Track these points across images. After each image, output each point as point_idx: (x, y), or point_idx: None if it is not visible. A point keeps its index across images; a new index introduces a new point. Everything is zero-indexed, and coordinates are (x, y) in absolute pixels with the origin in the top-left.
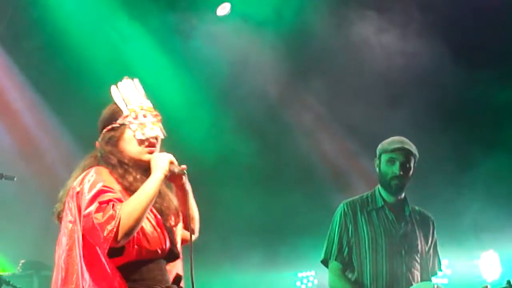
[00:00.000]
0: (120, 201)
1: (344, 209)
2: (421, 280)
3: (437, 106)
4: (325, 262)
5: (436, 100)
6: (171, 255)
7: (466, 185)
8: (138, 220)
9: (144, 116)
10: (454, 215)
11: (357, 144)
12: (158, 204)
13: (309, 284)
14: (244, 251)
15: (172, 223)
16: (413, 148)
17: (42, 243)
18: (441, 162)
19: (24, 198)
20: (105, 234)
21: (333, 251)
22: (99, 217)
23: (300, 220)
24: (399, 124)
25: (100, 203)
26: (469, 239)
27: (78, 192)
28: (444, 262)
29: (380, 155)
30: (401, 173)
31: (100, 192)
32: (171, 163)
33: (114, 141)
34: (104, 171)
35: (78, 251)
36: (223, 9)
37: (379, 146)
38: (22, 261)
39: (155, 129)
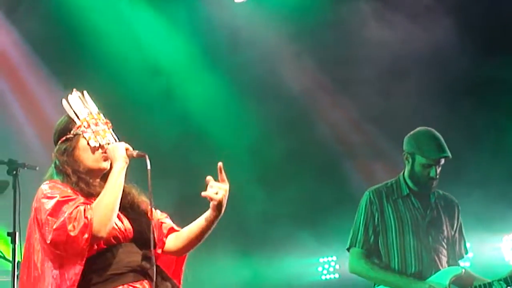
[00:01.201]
0: (85, 203)
1: (370, 197)
2: (449, 265)
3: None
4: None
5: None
6: (141, 240)
7: (488, 166)
8: (112, 211)
9: (96, 124)
10: (475, 198)
11: (381, 134)
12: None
13: (331, 269)
14: (267, 238)
15: (142, 212)
16: (448, 149)
17: None
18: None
19: None
20: (82, 245)
21: (358, 239)
22: (71, 228)
23: (321, 206)
24: (417, 108)
25: (69, 214)
26: (492, 222)
27: (36, 208)
28: (467, 245)
29: (413, 154)
30: (437, 176)
31: (59, 204)
32: (127, 149)
33: (69, 151)
34: (56, 184)
35: (27, 269)
36: None
37: (413, 142)
38: None
39: (107, 136)
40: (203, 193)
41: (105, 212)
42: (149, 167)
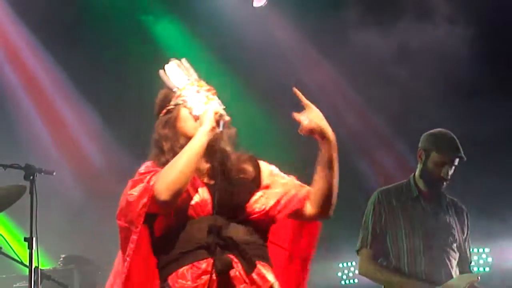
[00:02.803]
0: (156, 171)
1: (378, 197)
2: (461, 271)
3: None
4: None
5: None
6: (224, 212)
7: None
8: (180, 174)
9: (197, 91)
10: (493, 202)
11: (395, 133)
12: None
13: (350, 275)
14: None
15: (238, 181)
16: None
17: (83, 238)
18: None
19: (63, 192)
20: (138, 209)
21: (368, 240)
22: (131, 193)
23: (340, 211)
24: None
25: (134, 181)
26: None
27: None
28: (486, 250)
29: (429, 151)
30: (449, 177)
31: (136, 181)
32: (216, 113)
33: (171, 123)
34: (148, 164)
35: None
36: (259, 1)
37: (431, 139)
38: (63, 255)
39: (211, 103)
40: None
41: (170, 175)
42: (221, 128)
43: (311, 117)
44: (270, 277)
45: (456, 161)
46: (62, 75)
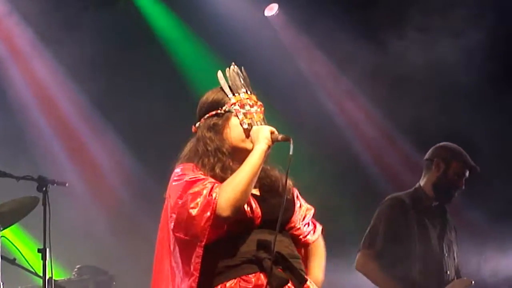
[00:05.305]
0: (214, 183)
1: (392, 204)
2: (456, 277)
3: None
4: None
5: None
6: (272, 226)
7: None
8: (242, 192)
9: (251, 105)
10: None
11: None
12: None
13: None
14: None
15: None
16: None
17: (97, 248)
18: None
19: (76, 203)
20: (202, 224)
21: (377, 242)
22: (193, 206)
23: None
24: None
25: (193, 191)
26: None
27: (167, 195)
28: None
29: (449, 161)
30: (464, 187)
31: (188, 184)
32: (272, 133)
33: (218, 128)
34: (188, 167)
35: (167, 260)
36: (271, 10)
37: (449, 150)
38: (78, 266)
39: (260, 120)
40: None
41: (233, 192)
42: (291, 152)
43: None
44: None
45: (467, 174)
46: (73, 83)
